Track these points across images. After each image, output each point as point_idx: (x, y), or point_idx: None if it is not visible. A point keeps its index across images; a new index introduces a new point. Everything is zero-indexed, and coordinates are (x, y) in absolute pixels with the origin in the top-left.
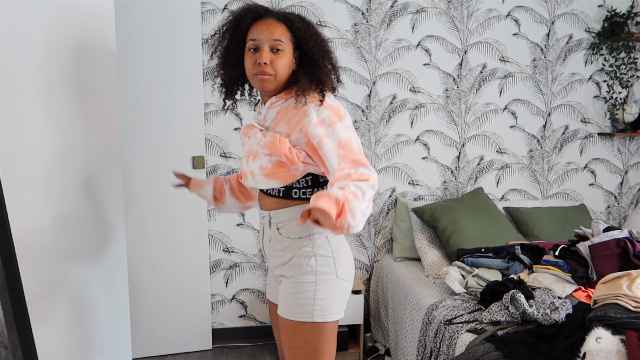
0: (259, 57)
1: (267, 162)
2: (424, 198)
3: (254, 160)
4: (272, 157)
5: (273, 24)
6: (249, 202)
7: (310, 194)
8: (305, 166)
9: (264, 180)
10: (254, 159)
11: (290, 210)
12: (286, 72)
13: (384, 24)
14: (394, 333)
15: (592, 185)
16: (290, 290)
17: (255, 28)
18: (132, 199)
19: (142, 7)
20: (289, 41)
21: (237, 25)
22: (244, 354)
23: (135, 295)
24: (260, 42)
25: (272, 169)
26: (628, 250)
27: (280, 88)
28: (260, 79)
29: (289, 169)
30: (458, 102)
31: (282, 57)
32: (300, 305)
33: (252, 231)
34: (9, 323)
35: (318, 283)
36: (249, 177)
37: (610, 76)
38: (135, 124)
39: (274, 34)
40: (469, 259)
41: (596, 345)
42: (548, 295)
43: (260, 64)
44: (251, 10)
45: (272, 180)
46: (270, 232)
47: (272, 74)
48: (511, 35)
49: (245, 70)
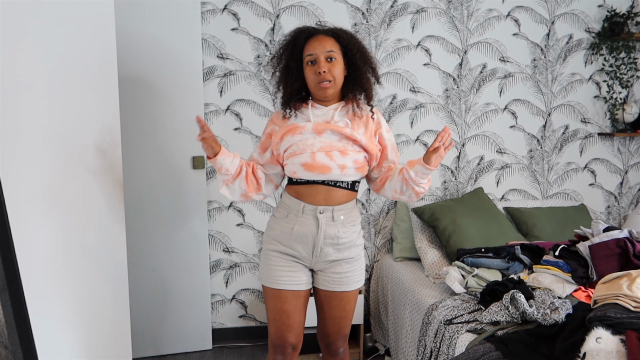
0: (318, 68)
1: (361, 158)
2: (424, 198)
3: (345, 156)
4: (363, 153)
5: (324, 39)
6: (252, 192)
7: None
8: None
9: (354, 173)
10: (342, 154)
11: (353, 201)
12: (341, 77)
13: (384, 24)
14: (394, 333)
15: (592, 185)
16: (350, 267)
17: (310, 45)
18: (132, 199)
19: (142, 7)
20: (339, 51)
21: (294, 46)
22: (244, 354)
23: (135, 295)
24: (317, 56)
25: (362, 163)
26: (628, 250)
27: (338, 93)
28: (322, 87)
29: (366, 165)
30: (458, 102)
31: (337, 64)
32: (359, 274)
33: (252, 231)
34: (9, 323)
35: (362, 254)
36: (334, 171)
37: (610, 76)
38: (135, 124)
39: (327, 46)
40: (469, 259)
41: (596, 345)
42: (548, 295)
43: (320, 73)
44: (303, 31)
45: (359, 172)
46: (335, 225)
47: (331, 79)
48: (511, 35)
49: (308, 81)
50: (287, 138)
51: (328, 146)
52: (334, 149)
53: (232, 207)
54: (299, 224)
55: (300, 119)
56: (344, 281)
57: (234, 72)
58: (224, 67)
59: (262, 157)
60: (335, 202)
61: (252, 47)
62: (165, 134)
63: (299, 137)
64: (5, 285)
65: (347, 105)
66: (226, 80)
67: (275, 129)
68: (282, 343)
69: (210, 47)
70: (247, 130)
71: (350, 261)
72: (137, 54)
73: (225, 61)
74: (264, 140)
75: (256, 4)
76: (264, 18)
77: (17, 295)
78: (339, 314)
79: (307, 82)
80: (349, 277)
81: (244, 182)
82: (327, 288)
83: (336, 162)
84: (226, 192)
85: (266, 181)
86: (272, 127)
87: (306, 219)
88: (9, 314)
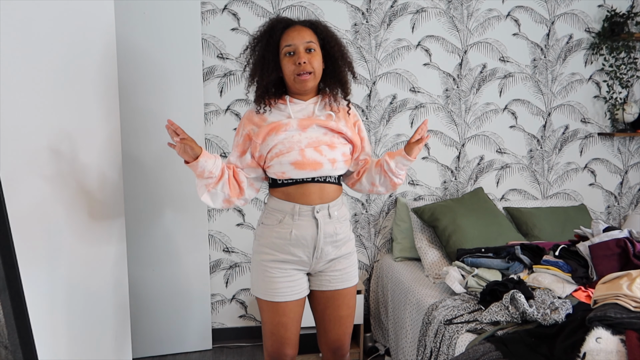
0: (297, 59)
1: (347, 150)
2: (424, 198)
3: (334, 150)
4: (348, 146)
5: (302, 29)
6: (235, 197)
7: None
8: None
9: (343, 166)
10: (331, 148)
11: (342, 196)
12: (320, 70)
13: (384, 24)
14: (394, 333)
15: (592, 185)
16: (348, 262)
17: (287, 35)
18: (132, 199)
19: (142, 7)
20: (317, 42)
21: (270, 36)
22: (244, 354)
23: (135, 295)
24: (296, 46)
25: (348, 155)
26: (628, 250)
27: (315, 87)
28: (302, 79)
29: (350, 157)
30: (458, 102)
31: (316, 56)
32: (355, 269)
33: (252, 231)
34: (9, 323)
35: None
36: (325, 166)
37: (610, 76)
38: (135, 124)
39: (306, 37)
40: (469, 259)
41: (596, 345)
42: (548, 295)
43: (300, 64)
44: (280, 21)
45: (346, 166)
46: (332, 223)
47: (312, 71)
48: (511, 35)
49: (285, 73)
50: (271, 137)
51: (315, 141)
52: (322, 143)
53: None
54: (296, 228)
55: (276, 115)
56: (344, 277)
57: (234, 72)
58: (224, 67)
59: (242, 161)
60: (329, 198)
61: None
62: (165, 134)
63: (283, 134)
64: (5, 285)
65: (325, 99)
66: (226, 80)
67: (254, 130)
68: (279, 356)
69: (210, 47)
70: None
71: (348, 256)
72: (137, 54)
73: (225, 61)
74: (241, 143)
75: (256, 4)
76: (264, 18)
77: (17, 295)
78: (345, 312)
79: (285, 74)
80: (348, 272)
81: (226, 186)
82: (330, 287)
83: (326, 156)
84: (207, 198)
85: (248, 185)
86: (251, 128)
87: (303, 221)
88: (9, 314)
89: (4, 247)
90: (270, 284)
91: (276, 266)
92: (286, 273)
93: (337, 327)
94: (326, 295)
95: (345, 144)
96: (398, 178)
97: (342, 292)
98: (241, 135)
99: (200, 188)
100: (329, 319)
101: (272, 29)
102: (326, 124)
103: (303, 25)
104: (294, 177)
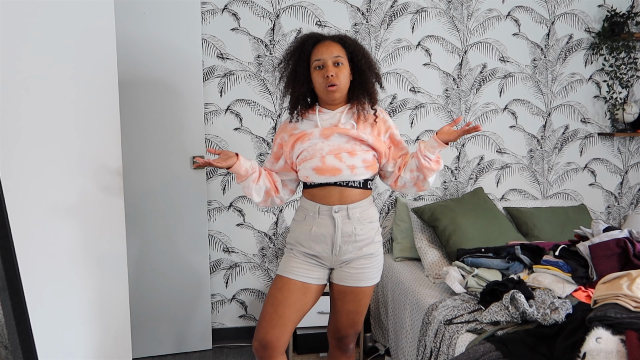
0: (325, 72)
1: (370, 157)
2: (424, 198)
3: (354, 157)
4: (372, 152)
5: (331, 44)
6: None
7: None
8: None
9: (365, 172)
10: (351, 155)
11: (369, 198)
12: (347, 82)
13: (384, 24)
14: (394, 333)
15: (592, 185)
16: (368, 264)
17: (317, 50)
18: (132, 199)
19: (142, 7)
20: (345, 56)
21: (302, 51)
22: (244, 354)
23: (135, 295)
24: (324, 60)
25: (372, 161)
26: (628, 250)
27: (344, 97)
28: (330, 91)
29: (376, 163)
30: (458, 102)
31: (343, 69)
32: (376, 271)
33: (252, 231)
34: (9, 323)
35: (380, 251)
36: (344, 172)
37: (610, 76)
38: (135, 123)
39: (334, 52)
40: (469, 259)
41: (596, 345)
42: (548, 295)
43: (328, 77)
44: (310, 37)
45: (369, 171)
46: (351, 223)
47: (338, 83)
48: (511, 35)
49: (315, 85)
50: (297, 145)
51: (336, 149)
52: (343, 150)
53: (232, 207)
54: (316, 225)
55: (306, 125)
56: (360, 277)
57: (234, 72)
58: (224, 67)
59: (276, 165)
60: (349, 200)
61: (252, 47)
62: (165, 134)
63: (307, 143)
64: (5, 285)
65: (353, 108)
66: (226, 80)
67: (285, 138)
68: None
69: (210, 47)
70: (247, 130)
71: (369, 257)
72: (137, 54)
73: (225, 61)
74: (276, 151)
75: (256, 4)
76: (264, 18)
77: (17, 295)
78: (353, 308)
79: (315, 86)
80: (365, 273)
81: (267, 179)
82: (343, 283)
83: (345, 163)
84: (254, 194)
85: (282, 185)
86: (282, 136)
87: (323, 220)
88: (9, 314)
89: (4, 247)
90: (289, 263)
91: (300, 255)
92: (306, 259)
93: (344, 319)
94: (340, 288)
95: (368, 150)
96: (425, 160)
97: (355, 290)
98: (276, 144)
99: (247, 186)
100: (338, 310)
101: (303, 44)
102: (347, 132)
103: (332, 41)
104: (316, 181)
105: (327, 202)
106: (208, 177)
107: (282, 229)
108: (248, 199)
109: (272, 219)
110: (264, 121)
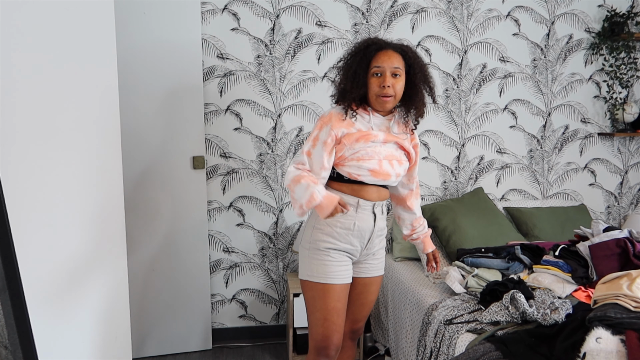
0: (383, 81)
1: (407, 167)
2: (424, 198)
3: (401, 165)
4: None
5: (393, 54)
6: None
7: None
8: None
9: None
10: (399, 164)
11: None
12: (401, 93)
13: (384, 24)
14: (394, 333)
15: (592, 185)
16: (382, 253)
17: (378, 57)
18: (132, 198)
19: (142, 7)
20: (403, 68)
21: (364, 54)
22: (244, 354)
23: (135, 295)
24: (384, 69)
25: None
26: (628, 250)
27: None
28: (383, 100)
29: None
30: (458, 102)
31: (400, 81)
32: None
33: (252, 231)
34: (9, 323)
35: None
36: (392, 178)
37: (610, 76)
38: (135, 123)
39: (394, 62)
40: (469, 259)
41: (596, 345)
42: (548, 295)
43: (384, 87)
44: (375, 43)
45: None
46: (383, 218)
47: (393, 95)
48: (511, 35)
49: (370, 91)
50: (360, 144)
51: (390, 155)
52: (394, 158)
53: (232, 207)
54: (358, 220)
55: (361, 123)
56: (379, 266)
57: (234, 72)
58: (224, 67)
59: (330, 161)
60: (384, 197)
61: (252, 47)
62: (165, 134)
63: (370, 144)
64: (5, 285)
65: (401, 117)
66: (226, 80)
67: (343, 132)
68: (328, 344)
69: (210, 47)
70: (247, 130)
71: (383, 248)
72: (137, 54)
73: (225, 61)
74: (330, 143)
75: (256, 4)
76: (264, 18)
77: (17, 295)
78: (374, 297)
79: (369, 91)
80: (382, 262)
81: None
82: (369, 274)
83: (395, 170)
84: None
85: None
86: (340, 130)
87: (364, 214)
88: (9, 314)
89: (4, 247)
90: (328, 267)
91: (336, 253)
92: (342, 259)
93: (365, 309)
94: (364, 281)
95: (407, 161)
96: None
97: (377, 279)
98: (330, 136)
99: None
100: (360, 302)
101: (366, 48)
102: (400, 142)
103: (394, 50)
104: (366, 181)
105: (369, 198)
106: (208, 177)
107: (282, 229)
108: (248, 199)
109: (272, 219)
110: (264, 121)
